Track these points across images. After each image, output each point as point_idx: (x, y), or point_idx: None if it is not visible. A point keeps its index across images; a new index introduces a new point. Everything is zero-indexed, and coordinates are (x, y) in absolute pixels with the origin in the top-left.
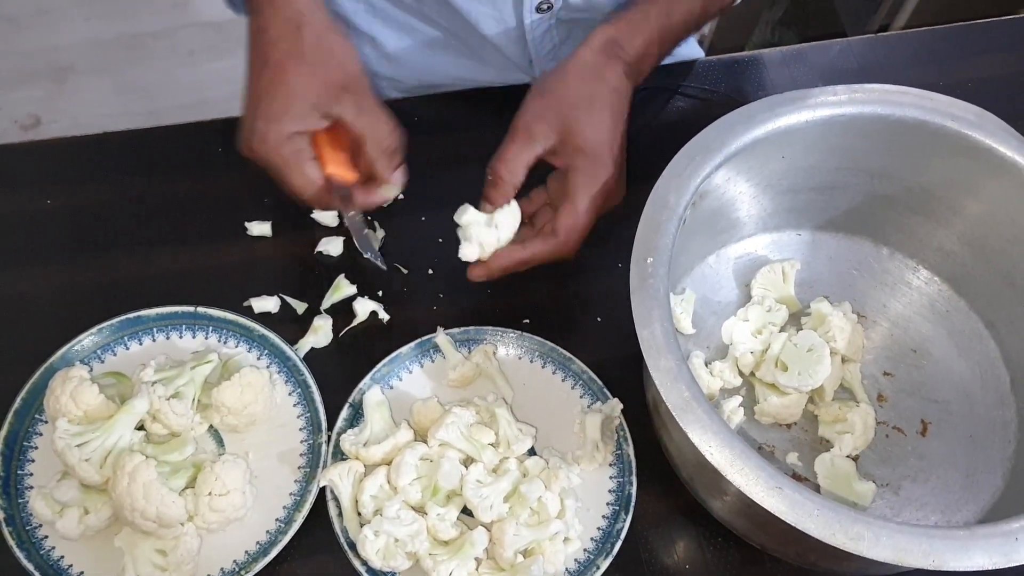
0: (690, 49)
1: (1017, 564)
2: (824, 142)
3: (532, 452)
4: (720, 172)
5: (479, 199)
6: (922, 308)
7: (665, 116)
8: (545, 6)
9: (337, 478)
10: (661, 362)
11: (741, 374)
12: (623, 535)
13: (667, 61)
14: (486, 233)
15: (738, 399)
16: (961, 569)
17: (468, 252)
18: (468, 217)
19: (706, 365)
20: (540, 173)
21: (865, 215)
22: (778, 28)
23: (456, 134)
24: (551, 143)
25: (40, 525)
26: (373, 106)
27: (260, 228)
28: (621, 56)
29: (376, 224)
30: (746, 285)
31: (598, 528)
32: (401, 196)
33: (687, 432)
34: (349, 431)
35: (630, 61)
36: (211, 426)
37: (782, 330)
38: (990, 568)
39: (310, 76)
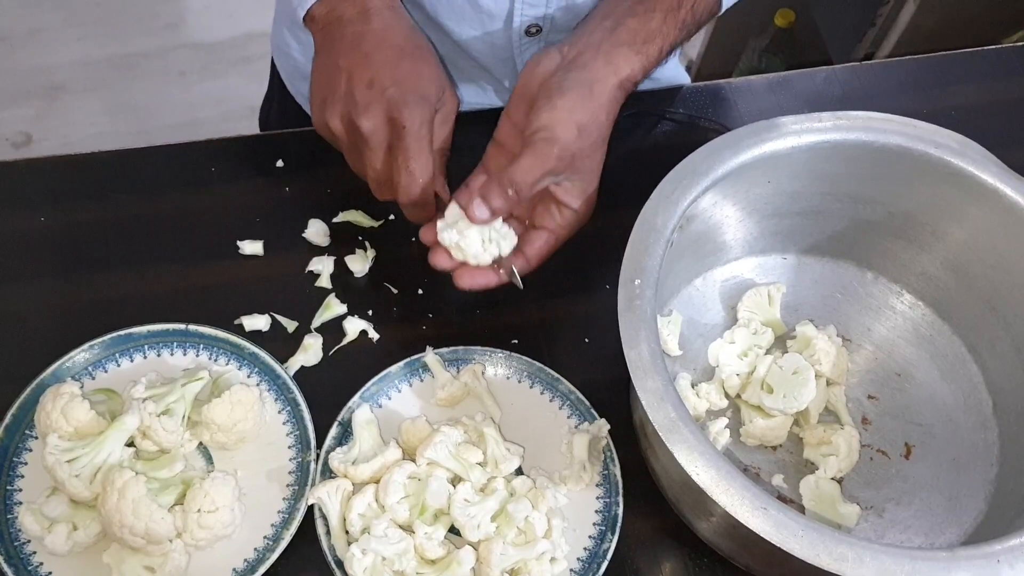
0: (676, 74)
1: None
2: (809, 168)
3: (519, 472)
4: (707, 196)
5: None
6: (906, 332)
7: (652, 140)
8: (534, 30)
9: (325, 496)
10: (648, 383)
11: (727, 396)
12: (609, 555)
13: (654, 86)
14: (476, 241)
15: (724, 421)
16: None
17: (447, 238)
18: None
19: (692, 387)
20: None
21: (849, 240)
22: (764, 55)
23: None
24: (563, 177)
25: (28, 540)
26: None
27: (252, 247)
28: (630, 92)
29: (367, 244)
30: (732, 308)
31: (584, 548)
32: (392, 216)
33: (673, 452)
34: (338, 449)
35: (632, 93)
36: (201, 443)
37: (768, 353)
38: None
39: (437, 67)
